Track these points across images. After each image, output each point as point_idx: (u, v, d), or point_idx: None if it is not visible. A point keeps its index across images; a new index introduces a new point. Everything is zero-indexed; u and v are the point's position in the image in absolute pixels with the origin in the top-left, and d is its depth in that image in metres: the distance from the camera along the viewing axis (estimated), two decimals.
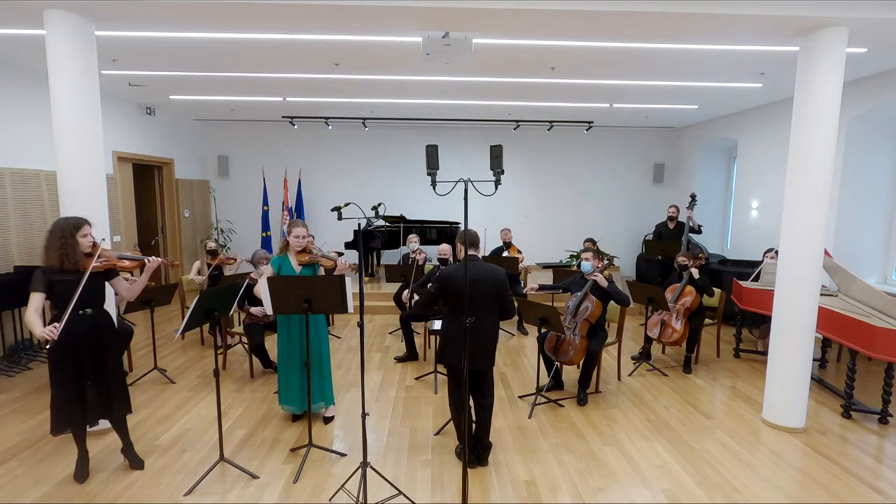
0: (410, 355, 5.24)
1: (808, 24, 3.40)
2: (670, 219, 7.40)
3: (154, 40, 4.42)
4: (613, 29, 3.64)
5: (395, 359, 5.22)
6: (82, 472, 3.03)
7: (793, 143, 3.65)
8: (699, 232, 7.04)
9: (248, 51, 4.74)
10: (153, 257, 3.09)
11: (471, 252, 3.15)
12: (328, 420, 3.84)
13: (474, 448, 3.27)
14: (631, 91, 6.27)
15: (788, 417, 3.77)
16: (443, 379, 4.64)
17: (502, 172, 2.56)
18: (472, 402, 3.34)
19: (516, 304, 4.53)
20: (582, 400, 4.20)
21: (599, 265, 4.38)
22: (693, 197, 7.02)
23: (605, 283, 4.16)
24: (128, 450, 3.18)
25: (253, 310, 4.65)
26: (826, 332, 4.20)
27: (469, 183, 2.48)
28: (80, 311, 2.84)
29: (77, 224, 2.85)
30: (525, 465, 3.25)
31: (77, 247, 2.81)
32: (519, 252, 6.62)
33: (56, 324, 2.64)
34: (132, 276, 4.12)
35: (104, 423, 3.20)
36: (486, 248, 7.11)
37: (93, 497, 2.87)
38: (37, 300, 2.76)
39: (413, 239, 6.23)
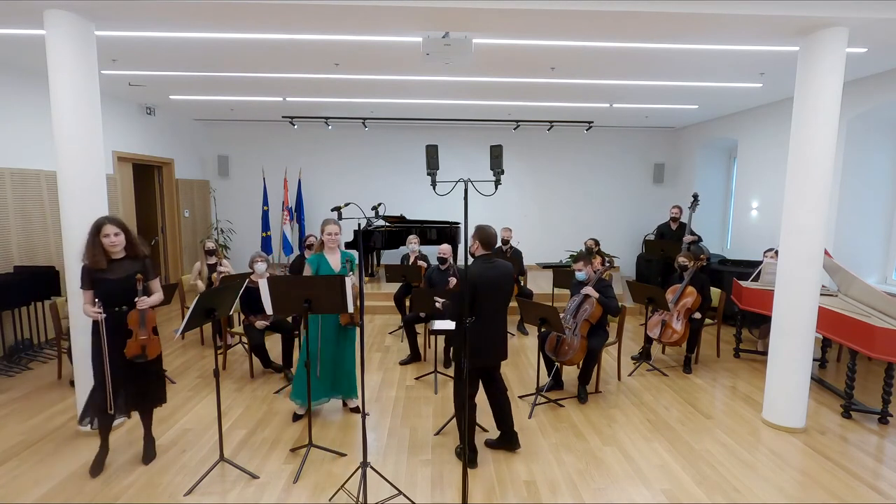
0: (414, 357, 5.23)
1: (808, 24, 3.40)
2: (673, 219, 7.36)
3: (154, 40, 4.42)
4: (613, 29, 3.64)
5: (400, 363, 5.19)
6: (98, 466, 3.07)
7: (793, 143, 3.64)
8: (698, 241, 6.98)
9: (248, 51, 4.74)
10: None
11: (487, 252, 3.19)
12: (355, 410, 3.94)
13: (509, 436, 3.36)
14: (631, 91, 6.27)
15: (788, 417, 3.77)
16: (443, 379, 4.64)
17: (502, 172, 2.57)
18: (486, 398, 3.39)
19: (516, 303, 4.55)
20: (582, 397, 4.20)
21: (600, 268, 4.37)
22: (695, 197, 6.95)
23: (596, 295, 4.16)
24: (147, 438, 3.28)
25: (258, 324, 4.64)
26: (826, 332, 4.20)
27: (469, 183, 2.48)
28: (116, 308, 2.96)
29: (97, 225, 2.94)
30: (525, 465, 3.25)
31: (99, 246, 2.90)
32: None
33: (98, 308, 2.88)
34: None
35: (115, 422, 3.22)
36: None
37: (93, 497, 2.87)
38: (86, 297, 2.95)
39: (413, 239, 6.20)
